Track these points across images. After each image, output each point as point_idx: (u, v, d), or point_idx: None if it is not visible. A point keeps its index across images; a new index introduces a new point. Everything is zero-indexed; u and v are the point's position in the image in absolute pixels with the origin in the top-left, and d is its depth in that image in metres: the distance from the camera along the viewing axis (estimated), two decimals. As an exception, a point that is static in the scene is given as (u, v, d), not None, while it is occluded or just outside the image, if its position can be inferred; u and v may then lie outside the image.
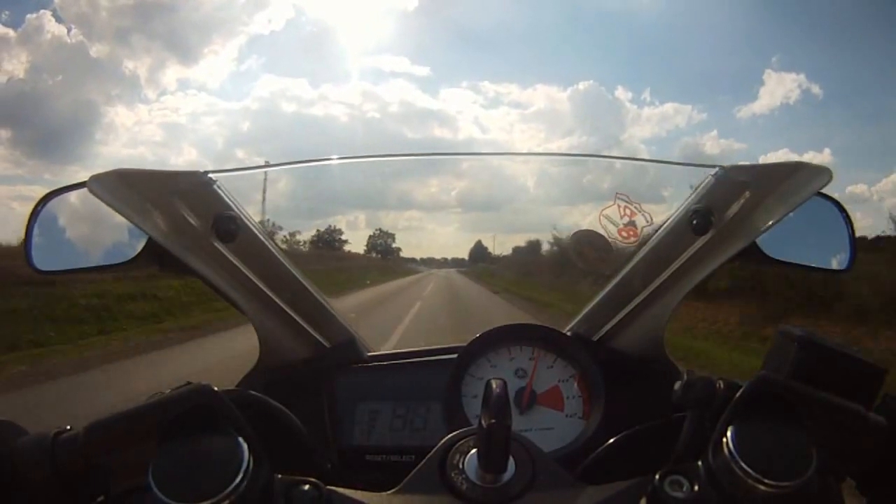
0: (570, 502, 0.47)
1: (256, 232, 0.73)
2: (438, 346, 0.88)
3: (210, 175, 0.68)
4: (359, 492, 0.47)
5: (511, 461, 0.48)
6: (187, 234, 0.67)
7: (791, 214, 0.63)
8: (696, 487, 0.43)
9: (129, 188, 0.62)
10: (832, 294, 8.72)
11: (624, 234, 0.76)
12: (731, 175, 0.67)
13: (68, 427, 0.45)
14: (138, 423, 0.43)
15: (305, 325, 0.81)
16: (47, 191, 0.72)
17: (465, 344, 0.82)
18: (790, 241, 0.72)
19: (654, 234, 0.77)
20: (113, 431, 0.43)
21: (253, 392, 0.59)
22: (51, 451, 0.42)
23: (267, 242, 0.75)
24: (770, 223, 0.64)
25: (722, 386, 0.48)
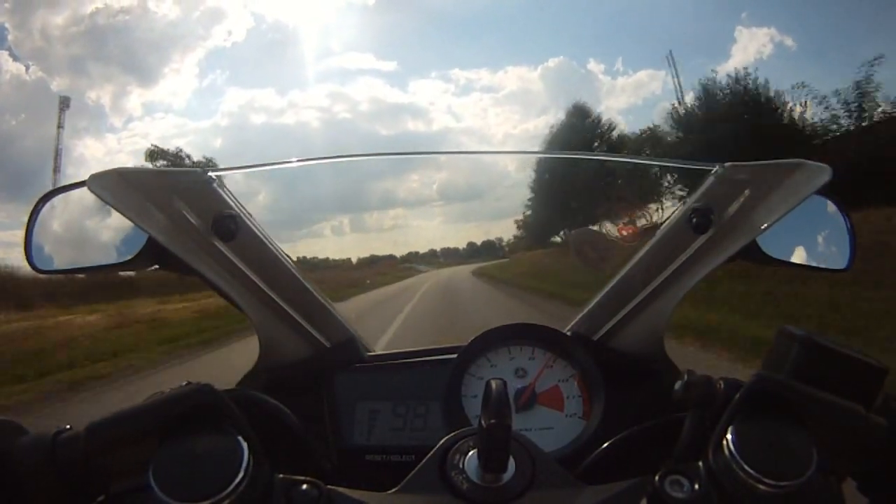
0: (571, 502, 0.47)
1: (256, 231, 0.73)
2: (438, 346, 0.88)
3: (210, 174, 0.68)
4: (359, 491, 0.47)
5: (511, 461, 0.48)
6: (187, 233, 0.67)
7: (791, 213, 0.64)
8: (697, 487, 0.43)
9: (128, 187, 0.62)
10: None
11: (624, 233, 0.76)
12: (731, 173, 0.68)
13: (68, 426, 0.45)
14: (139, 422, 0.43)
15: (305, 325, 0.81)
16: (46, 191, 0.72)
17: (465, 344, 0.82)
18: (790, 239, 0.72)
19: (653, 233, 0.77)
20: (113, 431, 0.43)
21: (253, 392, 0.59)
22: (51, 450, 0.42)
23: (267, 241, 0.75)
24: (770, 222, 0.64)
25: (722, 385, 0.48)
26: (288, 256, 0.78)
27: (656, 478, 0.44)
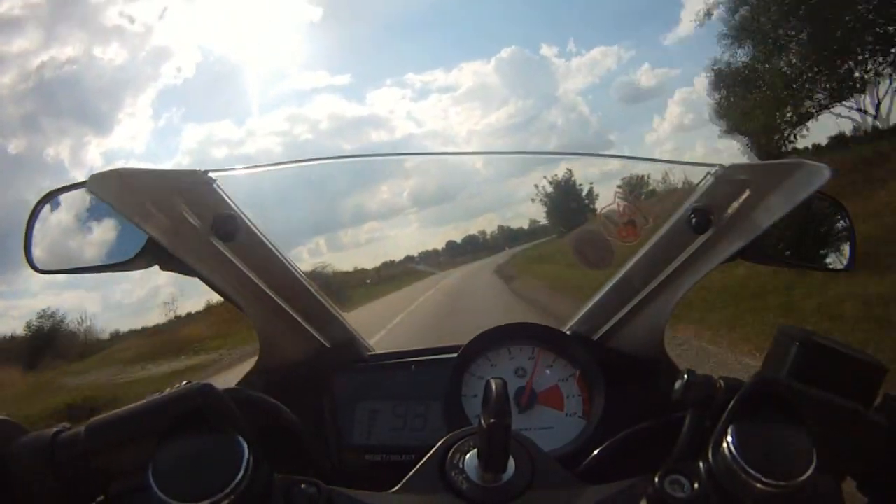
0: (571, 502, 0.47)
1: (256, 231, 0.73)
2: (438, 346, 0.88)
3: (210, 174, 0.68)
4: (359, 491, 0.47)
5: (511, 461, 0.48)
6: (187, 233, 0.67)
7: (791, 213, 0.63)
8: (697, 487, 0.43)
9: (128, 187, 0.62)
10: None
11: (624, 233, 0.76)
12: (731, 173, 0.67)
13: (68, 426, 0.45)
14: (139, 422, 0.43)
15: (305, 325, 0.81)
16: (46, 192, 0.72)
17: (465, 343, 0.82)
18: (790, 239, 0.72)
19: (653, 232, 0.77)
20: (113, 431, 0.43)
21: (253, 392, 0.59)
22: (50, 450, 0.42)
23: (267, 242, 0.75)
24: (770, 222, 0.64)
25: (722, 385, 0.48)
26: (287, 257, 0.78)
27: (656, 477, 0.44)
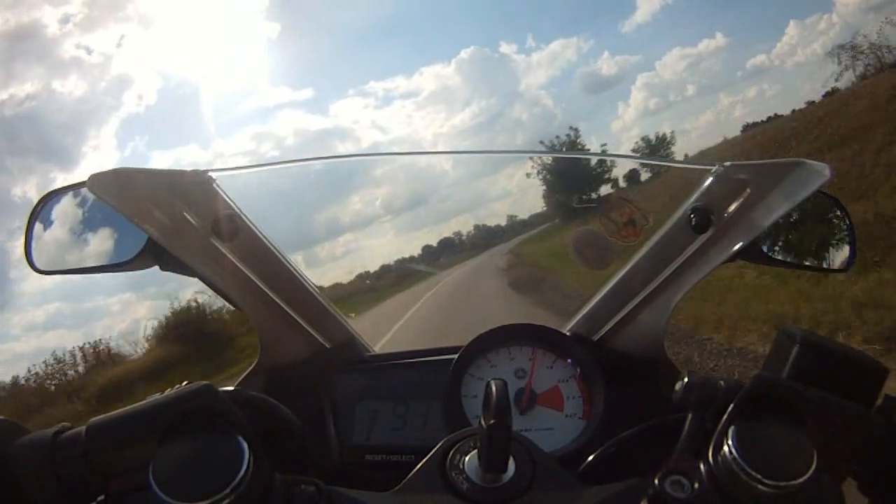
0: (571, 502, 0.47)
1: (256, 231, 0.73)
2: (438, 346, 0.88)
3: (210, 174, 0.68)
4: (359, 491, 0.47)
5: (511, 461, 0.48)
6: (187, 233, 0.67)
7: (791, 212, 0.63)
8: (697, 487, 0.43)
9: (128, 187, 0.62)
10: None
11: (624, 233, 0.76)
12: (730, 173, 0.67)
13: (68, 425, 0.45)
14: (139, 422, 0.43)
15: (305, 325, 0.81)
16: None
17: (465, 344, 0.82)
18: (789, 239, 0.72)
19: (653, 232, 0.77)
20: (114, 431, 0.43)
21: (253, 392, 0.59)
22: (51, 450, 0.42)
23: (267, 242, 0.75)
24: (770, 221, 0.64)
25: (723, 386, 0.48)
26: (287, 257, 0.78)
27: (656, 478, 0.44)
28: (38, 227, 0.71)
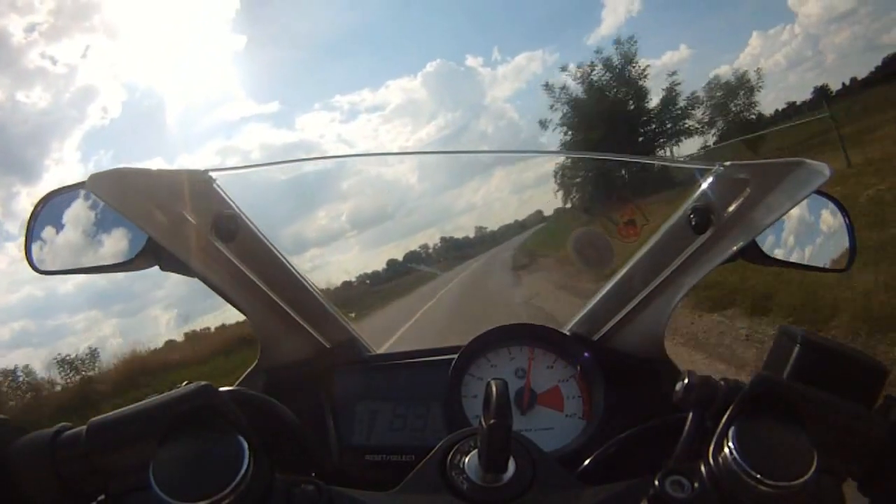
0: (572, 502, 0.47)
1: (256, 231, 0.73)
2: (438, 346, 0.88)
3: (210, 174, 0.68)
4: (359, 491, 0.47)
5: (511, 461, 0.48)
6: (187, 233, 0.67)
7: (790, 212, 0.63)
8: (697, 487, 0.43)
9: (128, 187, 0.62)
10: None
11: (624, 233, 0.76)
12: (730, 173, 0.67)
13: (68, 425, 0.45)
14: (139, 422, 0.43)
15: (305, 325, 0.81)
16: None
17: (464, 344, 0.82)
18: (789, 239, 0.72)
19: (653, 233, 0.77)
20: (114, 431, 0.43)
21: (253, 392, 0.59)
22: (51, 450, 0.42)
23: (267, 242, 0.75)
24: (769, 221, 0.64)
25: (723, 386, 0.48)
26: (287, 257, 0.78)
27: (657, 478, 0.44)
28: (38, 227, 0.71)
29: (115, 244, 0.70)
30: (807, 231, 0.74)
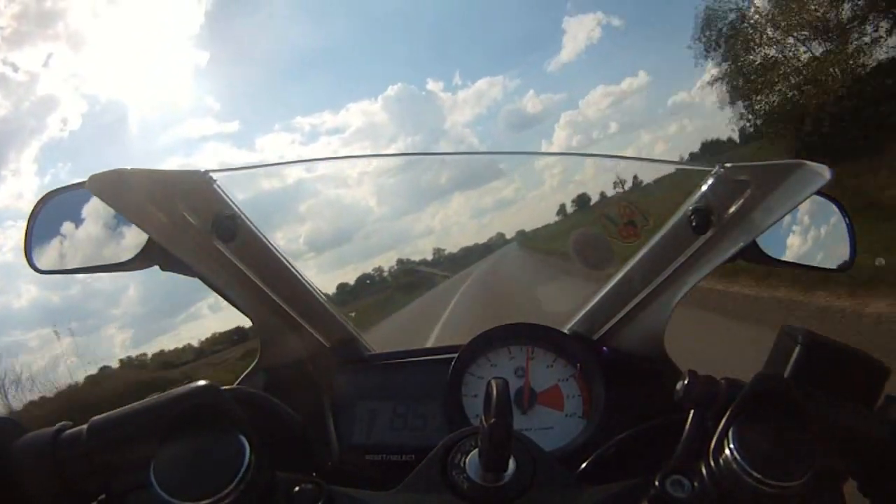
0: (572, 502, 0.47)
1: (256, 231, 0.73)
2: (438, 346, 0.88)
3: (210, 174, 0.68)
4: (360, 490, 0.47)
5: (512, 461, 0.47)
6: (187, 233, 0.67)
7: (791, 213, 0.64)
8: (698, 487, 0.43)
9: (128, 188, 0.62)
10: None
11: (624, 233, 0.76)
12: (731, 174, 0.68)
13: (69, 424, 0.44)
14: (141, 421, 0.43)
15: (305, 325, 0.81)
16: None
17: (465, 343, 0.82)
18: (789, 239, 0.73)
19: (653, 233, 0.77)
20: (115, 429, 0.43)
21: (254, 391, 0.59)
22: (52, 448, 0.42)
23: (267, 242, 0.75)
24: (770, 222, 0.64)
25: (724, 385, 0.48)
26: (287, 257, 0.78)
27: (657, 478, 0.44)
28: (37, 227, 0.71)
29: (115, 244, 0.70)
30: (807, 232, 0.74)
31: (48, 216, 0.72)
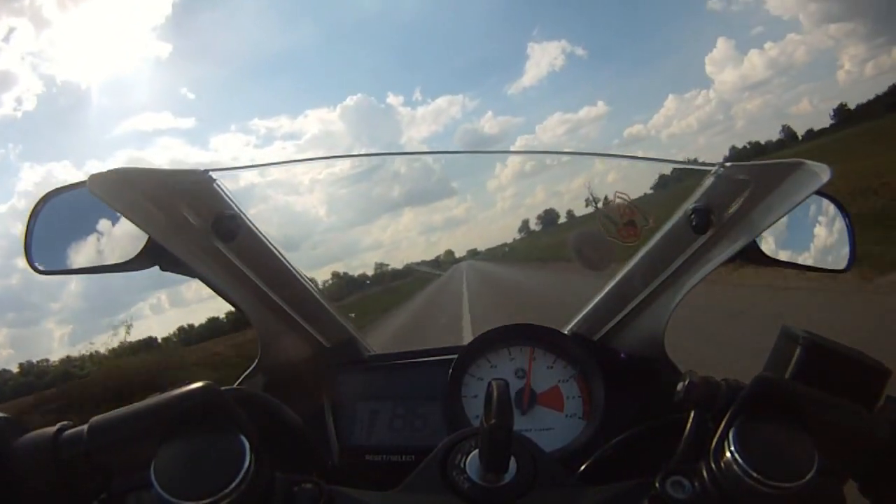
0: (572, 503, 0.47)
1: (256, 231, 0.73)
2: (438, 347, 0.88)
3: (210, 174, 0.68)
4: (359, 490, 0.47)
5: (512, 461, 0.48)
6: (187, 233, 0.67)
7: (790, 213, 0.64)
8: (698, 488, 0.43)
9: (129, 187, 0.62)
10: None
11: (624, 234, 0.76)
12: (731, 174, 0.68)
13: (70, 424, 0.44)
14: (141, 420, 0.43)
15: (305, 325, 0.81)
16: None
17: (464, 344, 0.82)
18: (789, 239, 0.73)
19: (653, 233, 0.77)
20: (116, 429, 0.43)
21: (255, 391, 0.59)
22: (52, 448, 0.42)
23: (267, 242, 0.75)
24: (770, 222, 0.64)
25: (724, 386, 0.48)
26: (287, 257, 0.78)
27: (658, 479, 0.44)
28: (38, 227, 0.71)
29: (115, 244, 0.70)
30: (807, 232, 0.74)
31: (48, 216, 0.72)
